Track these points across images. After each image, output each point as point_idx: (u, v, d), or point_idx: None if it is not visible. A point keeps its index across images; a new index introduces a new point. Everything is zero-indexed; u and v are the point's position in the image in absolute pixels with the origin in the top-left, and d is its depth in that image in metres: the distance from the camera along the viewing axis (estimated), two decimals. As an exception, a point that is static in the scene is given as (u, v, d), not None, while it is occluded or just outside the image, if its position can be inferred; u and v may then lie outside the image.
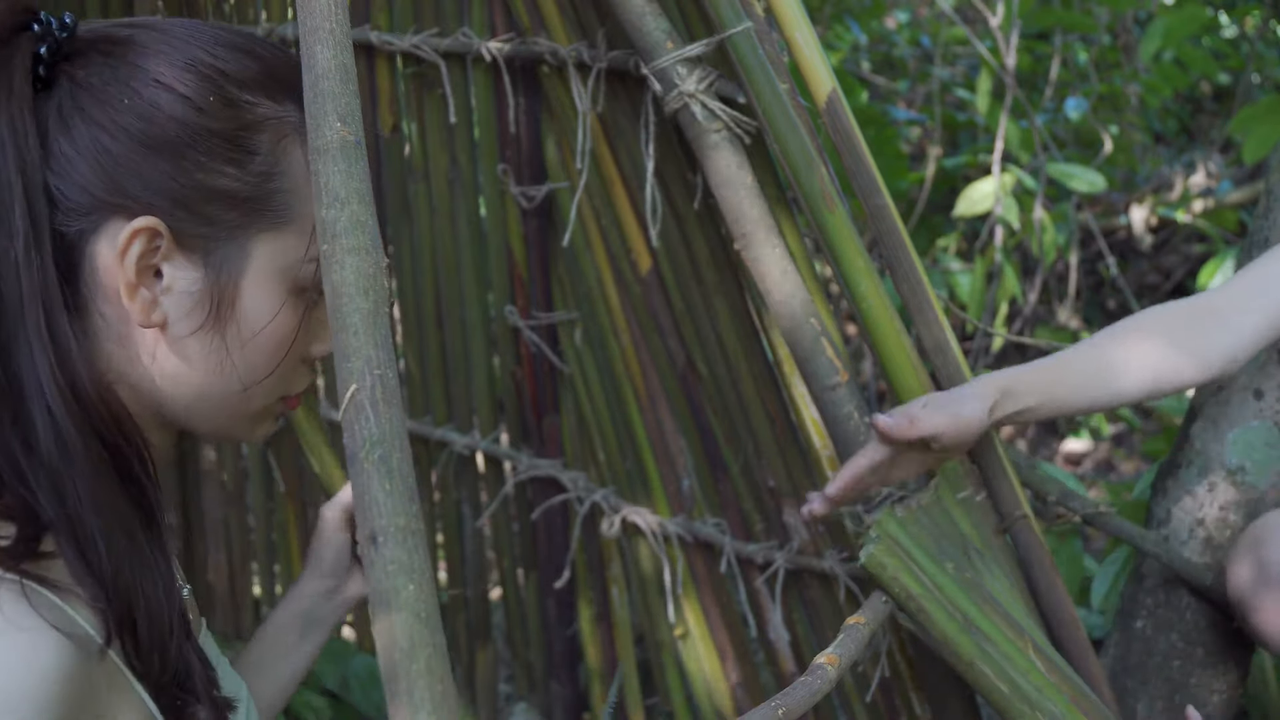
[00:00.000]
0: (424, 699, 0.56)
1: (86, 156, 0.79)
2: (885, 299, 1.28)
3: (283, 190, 0.84)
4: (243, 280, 0.83)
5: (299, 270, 0.85)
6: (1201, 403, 1.46)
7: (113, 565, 0.78)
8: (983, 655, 1.10)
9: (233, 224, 0.82)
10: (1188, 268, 3.60)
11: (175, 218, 0.80)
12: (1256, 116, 2.35)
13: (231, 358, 0.85)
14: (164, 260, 0.81)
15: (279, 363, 0.87)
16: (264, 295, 0.84)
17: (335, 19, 0.76)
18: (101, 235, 0.80)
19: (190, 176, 0.80)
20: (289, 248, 0.85)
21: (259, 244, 0.83)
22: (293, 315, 0.86)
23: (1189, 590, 1.42)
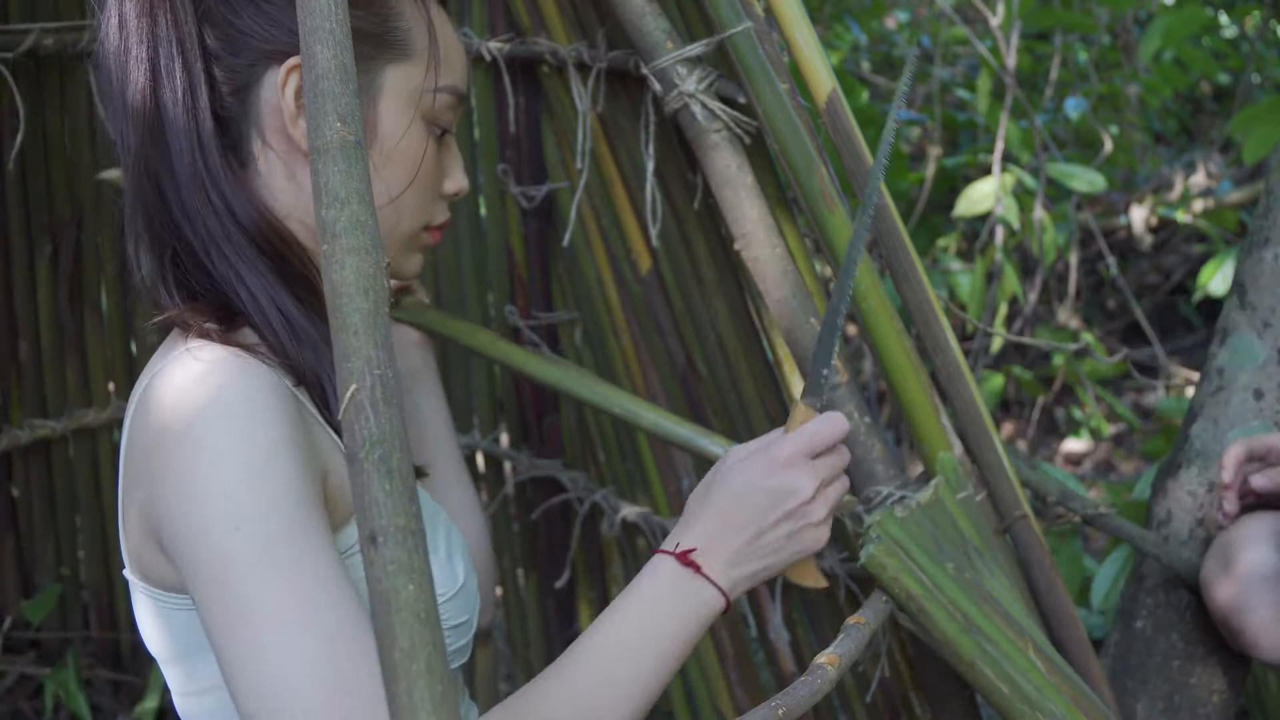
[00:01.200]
0: (424, 699, 0.56)
1: (242, 13, 0.93)
2: (885, 299, 1.28)
3: (401, 29, 0.99)
4: (380, 105, 0.98)
5: (424, 98, 1.00)
6: (1201, 403, 1.46)
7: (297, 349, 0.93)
8: (983, 655, 1.10)
9: (366, 55, 0.95)
10: (1188, 268, 3.60)
11: None
12: (1256, 116, 2.34)
13: (379, 173, 0.98)
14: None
15: (414, 175, 1.01)
16: (397, 117, 0.99)
17: (335, 19, 0.76)
18: (264, 81, 0.95)
19: None
20: (413, 75, 0.99)
21: (389, 73, 0.98)
22: (424, 137, 1.01)
23: (1189, 590, 1.42)
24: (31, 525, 1.93)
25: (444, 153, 1.06)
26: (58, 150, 1.77)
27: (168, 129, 0.92)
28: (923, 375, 1.30)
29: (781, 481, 0.97)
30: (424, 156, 1.01)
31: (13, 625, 1.95)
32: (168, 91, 0.92)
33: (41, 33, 1.64)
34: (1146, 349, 3.31)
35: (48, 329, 1.85)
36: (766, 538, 0.97)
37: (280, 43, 0.94)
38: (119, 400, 1.92)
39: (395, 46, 0.98)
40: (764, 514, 0.97)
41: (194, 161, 0.92)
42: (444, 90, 1.02)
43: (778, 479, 0.97)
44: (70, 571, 1.97)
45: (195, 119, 0.93)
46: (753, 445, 1.02)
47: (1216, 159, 3.71)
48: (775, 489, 0.97)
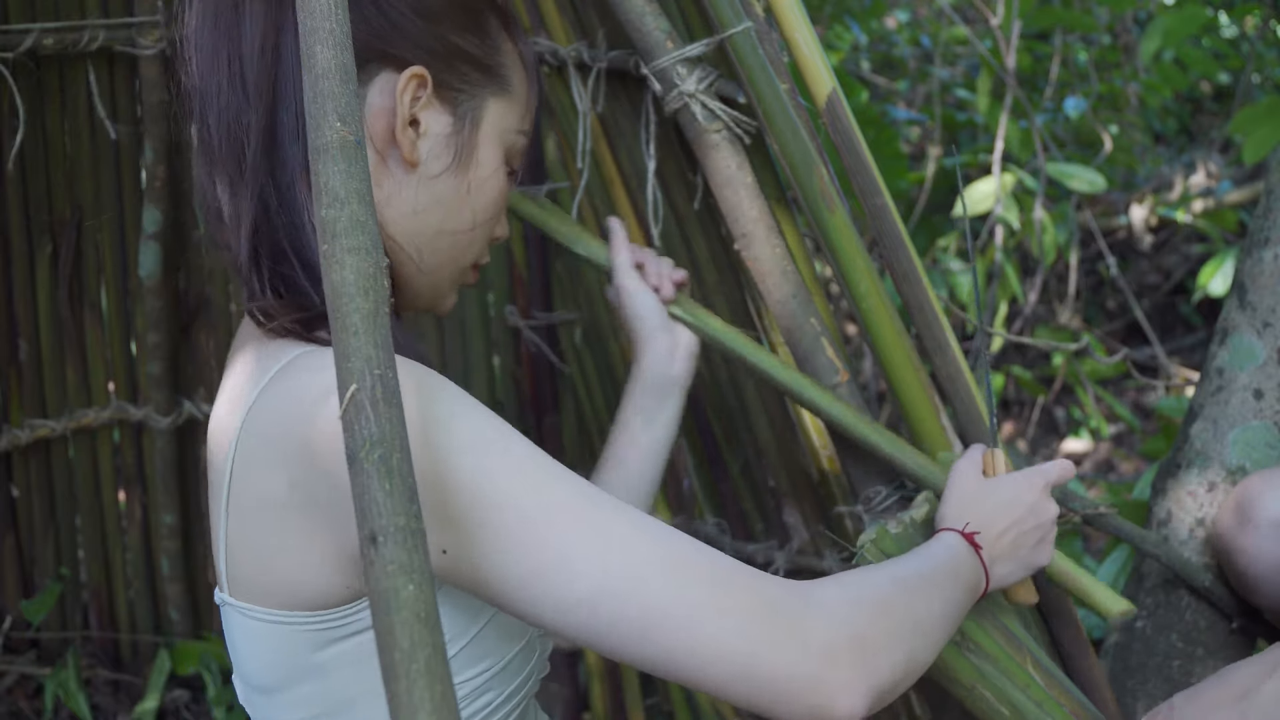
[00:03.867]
0: (424, 699, 0.56)
1: (360, 17, 0.93)
2: (885, 299, 1.28)
3: (503, 65, 1.02)
4: (480, 133, 1.00)
5: (511, 138, 1.03)
6: (1201, 403, 1.46)
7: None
8: (982, 678, 1.10)
9: (475, 82, 0.99)
10: (1188, 268, 3.60)
11: (435, 69, 0.96)
12: (1256, 116, 2.35)
13: (470, 197, 1.01)
14: (423, 109, 0.96)
15: (499, 210, 1.05)
16: (491, 150, 1.01)
17: (335, 19, 0.76)
18: (373, 84, 0.95)
19: (446, 38, 0.97)
20: (509, 113, 1.02)
21: (491, 104, 1.01)
22: (503, 179, 1.04)
23: (1189, 590, 1.42)
24: (31, 525, 1.93)
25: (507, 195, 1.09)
26: (58, 150, 1.77)
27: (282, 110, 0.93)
28: (923, 375, 1.30)
29: (1039, 500, 1.12)
30: (501, 196, 1.04)
31: (13, 625, 1.95)
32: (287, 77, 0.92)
33: (41, 33, 1.64)
34: (1146, 349, 3.31)
35: (48, 329, 1.85)
36: (1020, 544, 1.10)
37: (401, 47, 0.95)
38: (119, 400, 1.92)
39: (499, 80, 1.01)
40: (1023, 523, 1.10)
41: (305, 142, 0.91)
42: (525, 133, 1.05)
43: (1036, 498, 1.11)
44: (70, 571, 1.97)
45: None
46: (975, 458, 1.16)
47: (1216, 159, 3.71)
48: (1034, 505, 1.11)
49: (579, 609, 0.82)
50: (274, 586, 0.88)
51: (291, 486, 0.84)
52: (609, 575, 0.82)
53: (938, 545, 1.05)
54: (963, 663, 1.10)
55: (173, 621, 2.01)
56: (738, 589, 0.84)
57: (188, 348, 1.92)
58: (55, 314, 1.85)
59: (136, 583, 2.00)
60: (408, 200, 0.98)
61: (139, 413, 1.92)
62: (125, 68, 1.75)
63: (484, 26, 1.00)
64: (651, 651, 0.82)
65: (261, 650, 0.92)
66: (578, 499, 0.85)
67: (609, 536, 0.83)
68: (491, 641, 0.94)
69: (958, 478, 1.14)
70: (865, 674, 0.85)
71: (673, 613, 0.82)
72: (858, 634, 0.85)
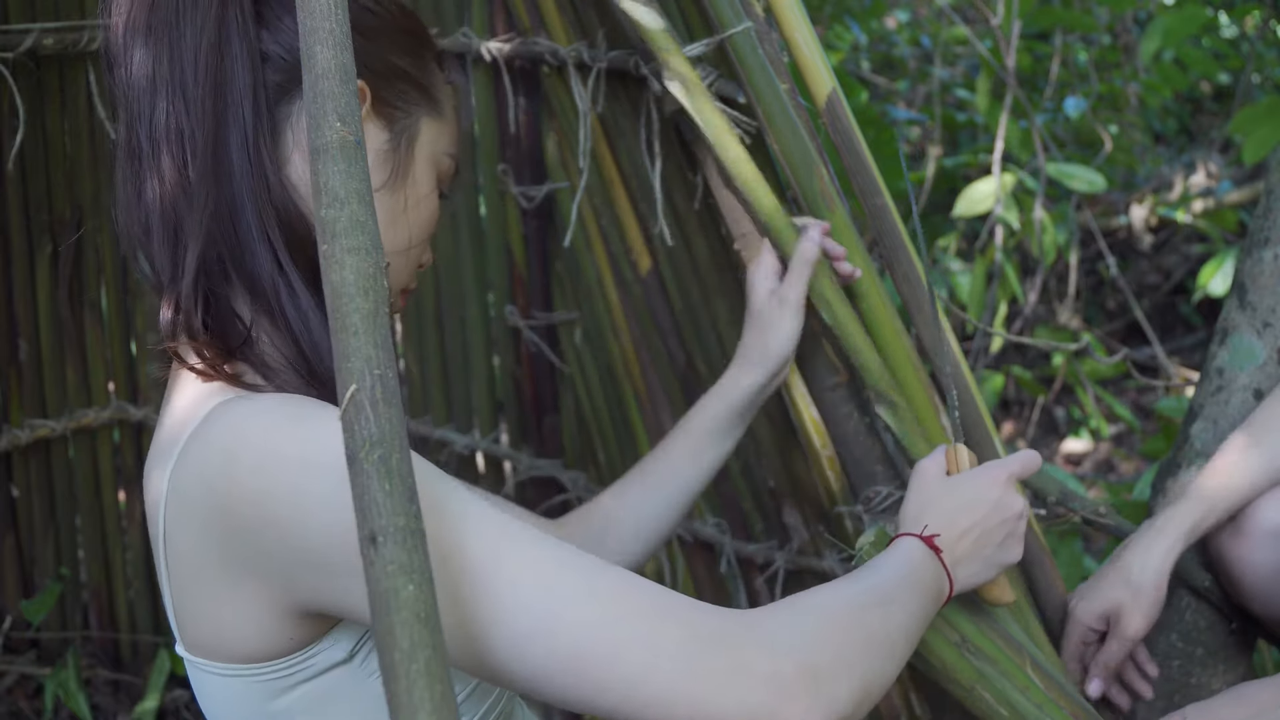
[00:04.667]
0: (424, 699, 0.56)
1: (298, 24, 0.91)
2: (885, 299, 1.28)
3: (435, 87, 1.02)
4: (416, 150, 1.00)
5: (443, 161, 1.03)
6: (1201, 403, 1.46)
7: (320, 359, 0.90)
8: (982, 680, 1.10)
9: (412, 100, 0.99)
10: (1188, 268, 3.60)
11: (373, 84, 0.95)
12: (1256, 116, 2.35)
13: (407, 214, 1.00)
14: (364, 120, 0.95)
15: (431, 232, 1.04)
16: (425, 169, 1.01)
17: (335, 19, 0.76)
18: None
19: (385, 56, 0.97)
20: (442, 135, 1.03)
21: (425, 125, 1.01)
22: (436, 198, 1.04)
23: (1189, 590, 1.42)
24: (31, 525, 1.93)
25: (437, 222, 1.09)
26: (58, 150, 1.77)
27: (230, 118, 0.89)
28: (923, 375, 1.30)
29: (1003, 496, 1.07)
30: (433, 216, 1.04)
31: (13, 625, 1.95)
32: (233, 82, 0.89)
33: (41, 33, 1.64)
34: (1146, 349, 3.31)
35: (48, 329, 1.85)
36: (985, 543, 1.06)
37: None
38: (119, 400, 1.92)
39: (432, 101, 1.02)
40: (986, 521, 1.06)
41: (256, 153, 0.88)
42: (453, 157, 1.06)
43: (1000, 494, 1.07)
44: (70, 571, 1.97)
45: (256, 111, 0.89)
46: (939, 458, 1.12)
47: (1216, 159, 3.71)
48: (998, 501, 1.07)
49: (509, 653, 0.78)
50: (221, 642, 0.87)
51: (219, 546, 0.82)
52: (532, 615, 0.77)
53: (895, 554, 1.01)
54: (962, 664, 1.10)
55: (173, 621, 2.01)
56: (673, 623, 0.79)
57: (188, 348, 1.92)
58: (55, 314, 1.85)
59: (136, 583, 2.00)
60: None
61: (139, 413, 1.92)
62: (125, 68, 1.75)
63: (419, 51, 1.01)
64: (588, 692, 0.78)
65: (221, 702, 0.91)
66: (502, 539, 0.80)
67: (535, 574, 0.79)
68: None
69: (918, 478, 1.11)
70: (821, 703, 0.81)
71: (599, 648, 0.77)
72: (809, 662, 0.82)
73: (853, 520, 1.46)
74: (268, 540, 0.80)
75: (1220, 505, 1.27)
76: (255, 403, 0.84)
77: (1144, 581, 1.25)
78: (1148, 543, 1.27)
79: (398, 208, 0.99)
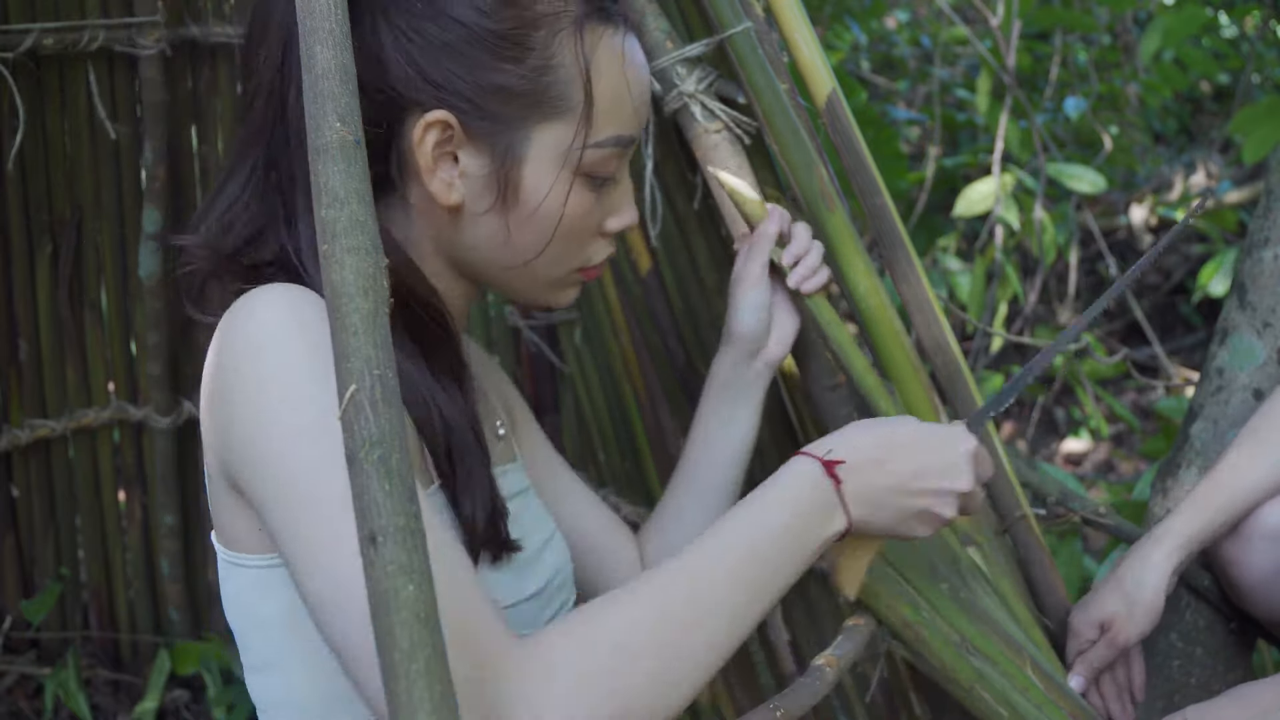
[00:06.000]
0: (424, 699, 0.56)
1: (388, 54, 0.90)
2: (885, 299, 1.28)
3: (557, 82, 0.92)
4: (525, 167, 0.93)
5: (581, 157, 0.94)
6: (1201, 403, 1.46)
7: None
8: (981, 680, 1.10)
9: (512, 116, 0.91)
10: (1188, 268, 3.60)
11: (463, 112, 0.90)
12: (1256, 116, 2.35)
13: (514, 237, 0.95)
14: (458, 148, 0.92)
15: (579, 248, 0.99)
16: (545, 180, 0.94)
17: (335, 19, 0.76)
18: (405, 123, 0.91)
19: (473, 75, 0.90)
20: (565, 135, 0.93)
21: (538, 133, 0.93)
22: (580, 196, 0.95)
23: (1189, 590, 1.42)
24: (31, 525, 1.93)
25: (608, 195, 0.99)
26: (58, 150, 1.77)
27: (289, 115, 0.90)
28: (923, 375, 1.30)
29: (956, 461, 0.96)
30: (575, 214, 0.96)
31: (13, 625, 1.95)
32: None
33: (41, 33, 1.64)
34: (1146, 349, 3.31)
35: (48, 329, 1.85)
36: (907, 497, 0.94)
37: (423, 92, 0.90)
38: (119, 400, 1.92)
39: (546, 105, 0.92)
40: (921, 475, 0.94)
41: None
42: (603, 144, 0.95)
43: (953, 456, 0.96)
44: (70, 571, 1.97)
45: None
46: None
47: (1216, 159, 3.71)
48: (947, 462, 0.95)
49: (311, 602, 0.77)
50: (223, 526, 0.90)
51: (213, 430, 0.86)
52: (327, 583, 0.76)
53: (773, 485, 0.91)
54: (962, 664, 1.10)
55: (173, 621, 2.00)
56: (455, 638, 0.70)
57: (188, 348, 1.92)
58: (55, 314, 1.85)
59: (136, 583, 2.00)
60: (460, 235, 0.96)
61: (139, 413, 1.92)
62: (125, 68, 1.75)
63: (526, 43, 0.90)
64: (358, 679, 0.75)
65: (224, 592, 0.94)
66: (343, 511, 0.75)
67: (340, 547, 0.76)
68: None
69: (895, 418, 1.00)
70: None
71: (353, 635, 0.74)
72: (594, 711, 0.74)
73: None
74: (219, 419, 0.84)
75: (1221, 515, 1.26)
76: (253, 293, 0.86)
77: (1139, 593, 1.25)
78: (1145, 553, 1.26)
79: (502, 230, 0.95)
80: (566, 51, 0.92)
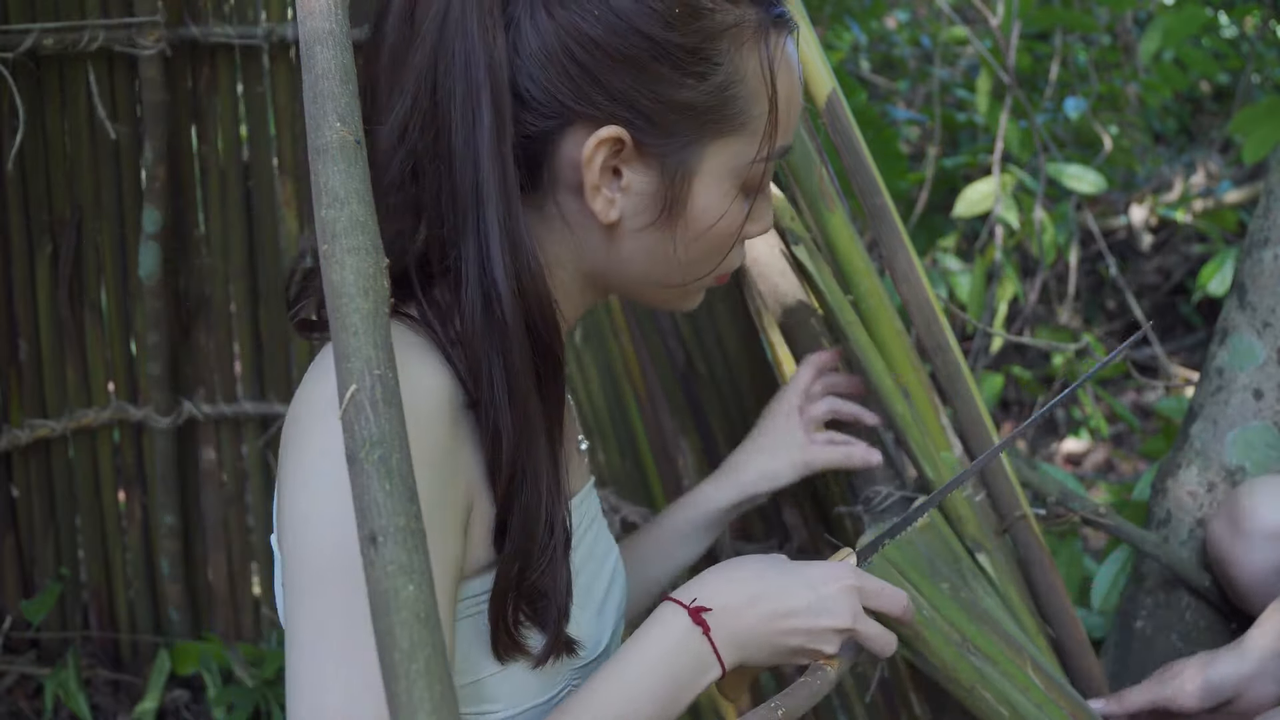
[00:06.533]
0: (424, 699, 0.56)
1: (556, 64, 0.83)
2: (885, 299, 1.28)
3: (739, 98, 0.87)
4: (694, 183, 0.88)
5: (749, 171, 0.90)
6: (1201, 403, 1.46)
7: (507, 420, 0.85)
8: (982, 680, 1.10)
9: (689, 133, 0.86)
10: (1188, 268, 3.60)
11: (636, 127, 0.85)
12: (1256, 117, 2.35)
13: (677, 253, 0.90)
14: (624, 164, 0.87)
15: (722, 258, 0.94)
16: (713, 196, 0.89)
17: (335, 19, 0.76)
18: (567, 135, 0.86)
19: (654, 89, 0.84)
20: (741, 151, 0.89)
21: (712, 149, 0.88)
22: (739, 210, 0.92)
23: (1189, 590, 1.42)
24: (31, 525, 1.93)
25: (754, 203, 0.95)
26: (58, 150, 1.77)
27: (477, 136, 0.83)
28: (923, 375, 1.30)
29: (832, 596, 0.93)
30: (734, 226, 0.92)
31: (13, 625, 1.95)
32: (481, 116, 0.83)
33: (41, 33, 1.64)
34: (1146, 349, 3.31)
35: (48, 329, 1.85)
36: (779, 636, 0.92)
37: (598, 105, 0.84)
38: (119, 400, 1.92)
39: (724, 120, 0.88)
40: (791, 614, 0.92)
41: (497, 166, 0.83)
42: (772, 156, 0.91)
43: (830, 592, 0.93)
44: (70, 571, 1.97)
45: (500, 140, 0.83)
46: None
47: (1216, 159, 3.71)
48: (823, 599, 0.92)
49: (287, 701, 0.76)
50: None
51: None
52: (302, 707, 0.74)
53: (642, 641, 0.90)
54: (963, 664, 1.10)
55: (173, 621, 2.00)
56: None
57: (188, 348, 1.92)
58: (55, 314, 1.85)
59: (136, 583, 2.00)
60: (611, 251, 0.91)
61: (139, 413, 1.92)
62: (125, 68, 1.75)
63: (711, 57, 0.85)
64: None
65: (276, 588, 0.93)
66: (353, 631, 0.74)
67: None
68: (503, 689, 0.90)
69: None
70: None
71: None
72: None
73: (852, 520, 1.46)
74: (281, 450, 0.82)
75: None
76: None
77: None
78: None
79: (666, 246, 0.90)
80: (749, 64, 0.87)
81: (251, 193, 1.87)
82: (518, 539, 0.86)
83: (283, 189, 1.85)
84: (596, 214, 0.88)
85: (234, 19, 1.77)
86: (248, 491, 2.00)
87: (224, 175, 1.85)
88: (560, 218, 0.90)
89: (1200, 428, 1.45)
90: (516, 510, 0.86)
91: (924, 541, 1.18)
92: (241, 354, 1.94)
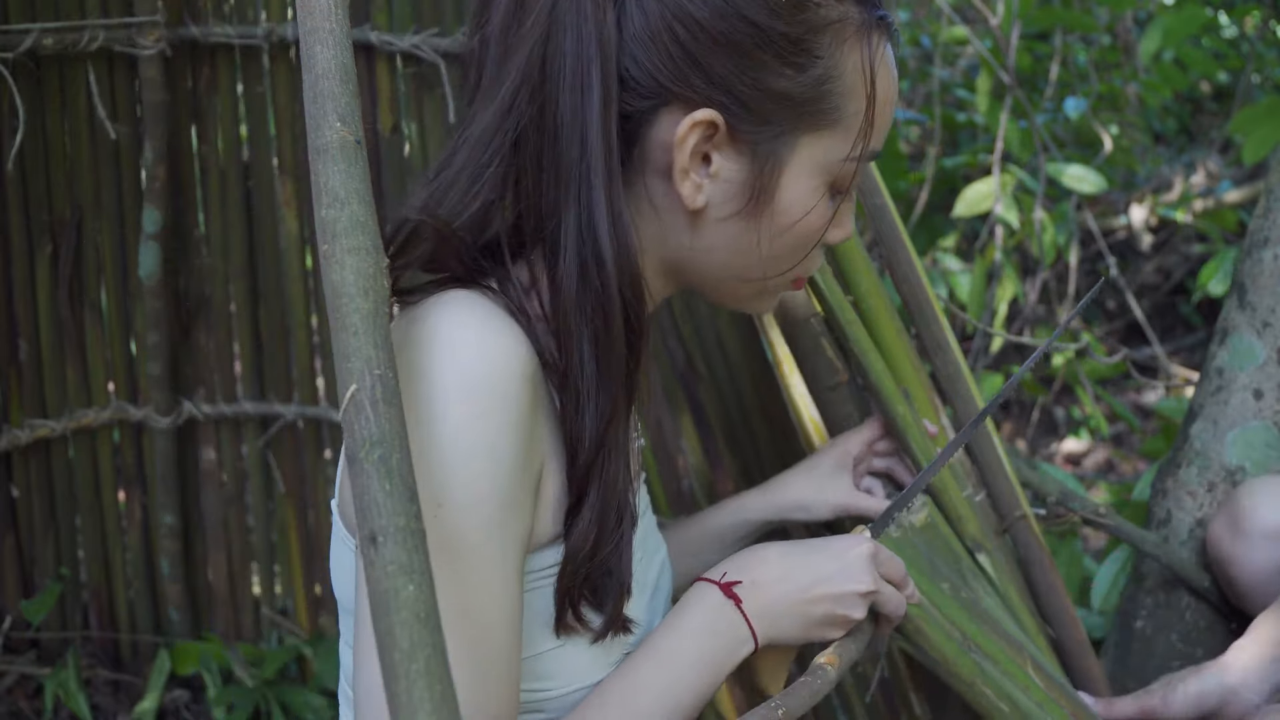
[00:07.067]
0: (424, 699, 0.56)
1: (659, 44, 0.84)
2: (885, 299, 1.28)
3: (835, 93, 0.88)
4: (784, 175, 0.88)
5: (838, 169, 0.90)
6: (1201, 403, 1.46)
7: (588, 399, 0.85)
8: (983, 675, 1.10)
9: (783, 123, 0.87)
10: (1187, 268, 3.60)
11: (732, 113, 0.85)
12: (1256, 117, 2.35)
13: (760, 246, 0.90)
14: (715, 149, 0.87)
15: (803, 256, 0.94)
16: (801, 190, 0.89)
17: (335, 19, 0.76)
18: (661, 117, 0.86)
19: (753, 76, 0.85)
20: (832, 147, 0.89)
21: (804, 142, 0.88)
22: (825, 210, 0.91)
23: (1189, 590, 1.42)
24: (31, 525, 1.93)
25: (840, 207, 0.95)
26: (58, 150, 1.77)
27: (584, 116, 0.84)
28: (923, 375, 1.30)
29: (853, 562, 0.97)
30: (820, 226, 0.92)
31: (13, 625, 1.95)
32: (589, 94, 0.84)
33: (41, 33, 1.64)
34: (1146, 349, 3.31)
35: (48, 329, 1.85)
36: (809, 605, 0.96)
37: (695, 88, 0.85)
38: (119, 400, 1.92)
39: (818, 114, 0.88)
40: (819, 582, 0.96)
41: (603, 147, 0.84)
42: (863, 157, 0.91)
43: (851, 559, 0.97)
44: (70, 571, 1.97)
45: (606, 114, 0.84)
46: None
47: (1216, 159, 3.71)
48: (843, 566, 0.97)
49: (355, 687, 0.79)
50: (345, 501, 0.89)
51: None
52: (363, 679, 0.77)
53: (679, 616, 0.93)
54: (964, 659, 1.10)
55: (173, 621, 2.00)
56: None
57: (188, 348, 1.92)
58: (55, 314, 1.85)
59: (136, 583, 2.00)
60: (694, 238, 0.91)
61: (139, 413, 1.92)
62: (125, 68, 1.75)
63: (812, 50, 0.86)
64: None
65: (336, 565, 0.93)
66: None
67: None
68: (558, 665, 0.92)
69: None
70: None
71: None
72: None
73: (852, 520, 1.46)
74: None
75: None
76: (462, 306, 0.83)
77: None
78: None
79: (750, 238, 0.90)
80: (849, 61, 0.88)
81: (251, 193, 1.87)
82: (596, 515, 0.87)
83: (283, 189, 1.85)
84: (683, 198, 0.88)
85: (234, 19, 1.77)
86: (248, 491, 2.00)
87: (224, 175, 1.85)
88: (648, 200, 0.91)
89: (1200, 428, 1.45)
90: (596, 486, 0.87)
91: (924, 541, 1.19)
92: (241, 354, 1.94)
